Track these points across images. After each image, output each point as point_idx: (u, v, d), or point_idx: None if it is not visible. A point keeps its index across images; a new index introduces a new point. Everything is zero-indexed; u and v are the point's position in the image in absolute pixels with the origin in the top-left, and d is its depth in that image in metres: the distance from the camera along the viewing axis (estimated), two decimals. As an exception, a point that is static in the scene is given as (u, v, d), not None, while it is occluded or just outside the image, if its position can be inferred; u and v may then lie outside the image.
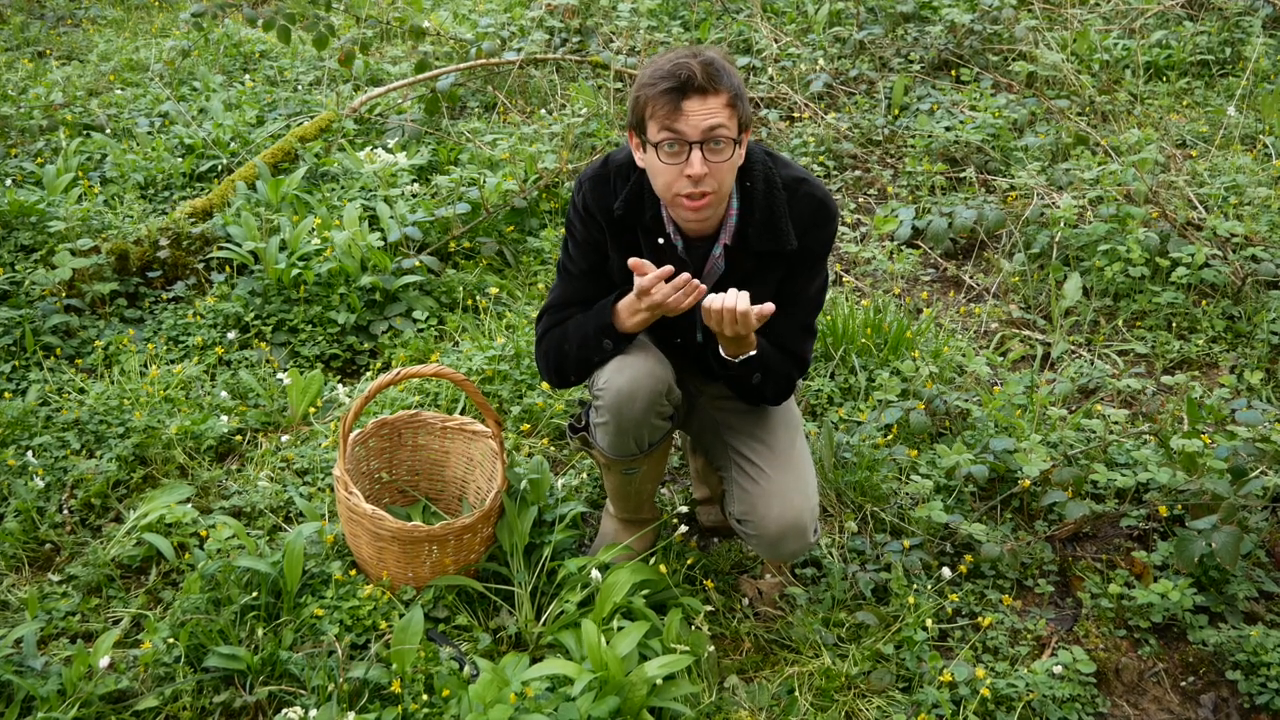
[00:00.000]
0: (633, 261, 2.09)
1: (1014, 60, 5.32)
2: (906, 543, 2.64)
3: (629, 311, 2.18)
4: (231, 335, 3.51)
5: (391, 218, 3.93)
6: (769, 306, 2.03)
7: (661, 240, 2.21)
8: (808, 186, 2.21)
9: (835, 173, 4.70)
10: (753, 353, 2.18)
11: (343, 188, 4.36)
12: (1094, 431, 2.96)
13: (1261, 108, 4.83)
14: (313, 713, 2.11)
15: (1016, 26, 5.43)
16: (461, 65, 5.33)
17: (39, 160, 4.64)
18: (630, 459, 2.34)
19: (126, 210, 4.23)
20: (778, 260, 2.21)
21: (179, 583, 2.57)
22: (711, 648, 2.34)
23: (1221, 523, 2.39)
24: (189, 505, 2.77)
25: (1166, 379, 3.23)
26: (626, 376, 2.20)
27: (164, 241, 3.83)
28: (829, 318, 3.37)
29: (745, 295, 2.03)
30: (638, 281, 2.09)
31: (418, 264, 3.72)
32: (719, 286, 2.23)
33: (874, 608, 2.48)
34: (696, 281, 2.06)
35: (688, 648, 2.24)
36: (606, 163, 2.26)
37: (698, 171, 2.01)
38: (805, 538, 2.28)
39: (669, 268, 2.06)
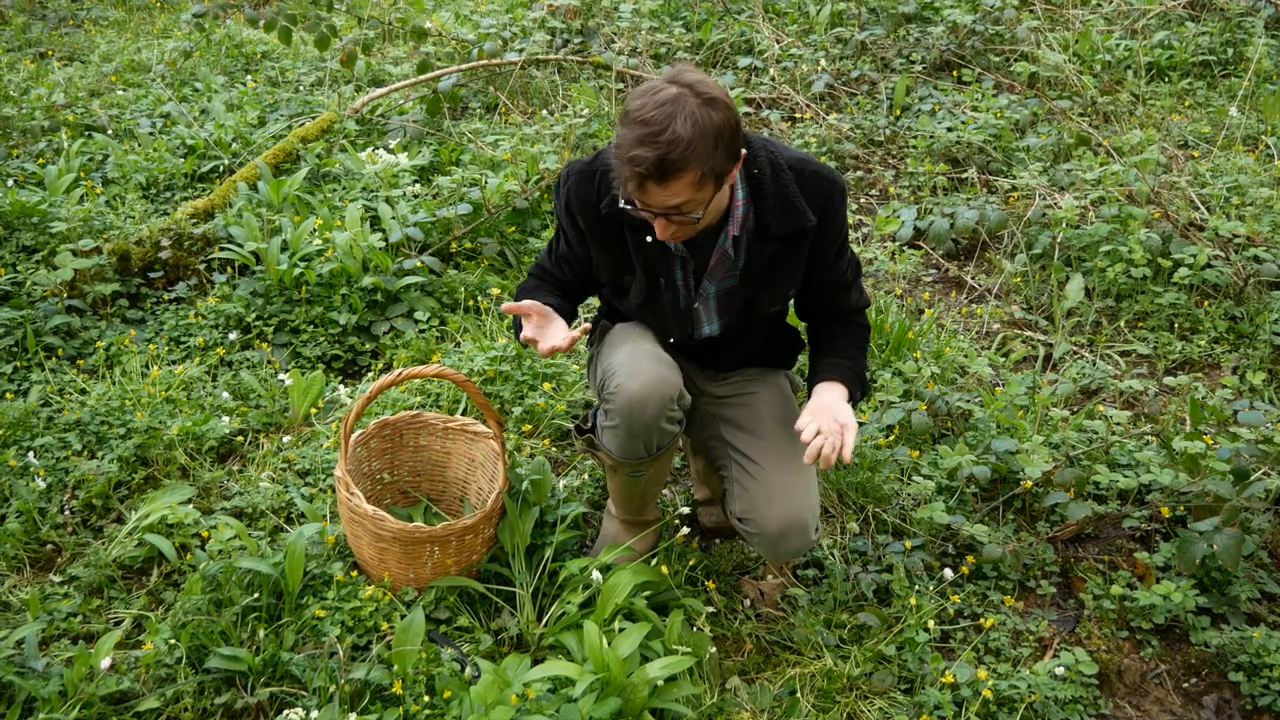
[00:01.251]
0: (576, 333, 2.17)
1: (1016, 61, 5.32)
2: (908, 544, 2.63)
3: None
4: (233, 336, 3.51)
5: (393, 218, 3.93)
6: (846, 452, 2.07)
7: (650, 239, 2.20)
8: (814, 166, 2.21)
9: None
10: (850, 404, 2.23)
11: (344, 188, 4.36)
12: (1096, 432, 2.96)
13: (1263, 108, 4.83)
14: (314, 714, 2.11)
15: (1018, 27, 5.42)
16: (463, 66, 5.33)
17: (41, 161, 4.64)
18: (638, 462, 2.34)
19: (128, 211, 4.23)
20: (800, 240, 2.21)
21: (180, 584, 2.57)
22: (713, 649, 2.34)
23: (1224, 524, 2.39)
24: (190, 506, 2.77)
25: (1169, 380, 3.23)
26: (639, 382, 2.20)
27: (165, 242, 3.83)
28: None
29: (851, 433, 2.08)
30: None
31: (419, 265, 3.72)
32: (740, 277, 2.24)
33: (876, 609, 2.48)
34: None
35: (689, 649, 2.23)
36: (596, 160, 2.23)
37: (666, 237, 2.05)
38: (806, 536, 2.28)
39: (578, 333, 2.18)
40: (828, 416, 2.10)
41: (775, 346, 2.47)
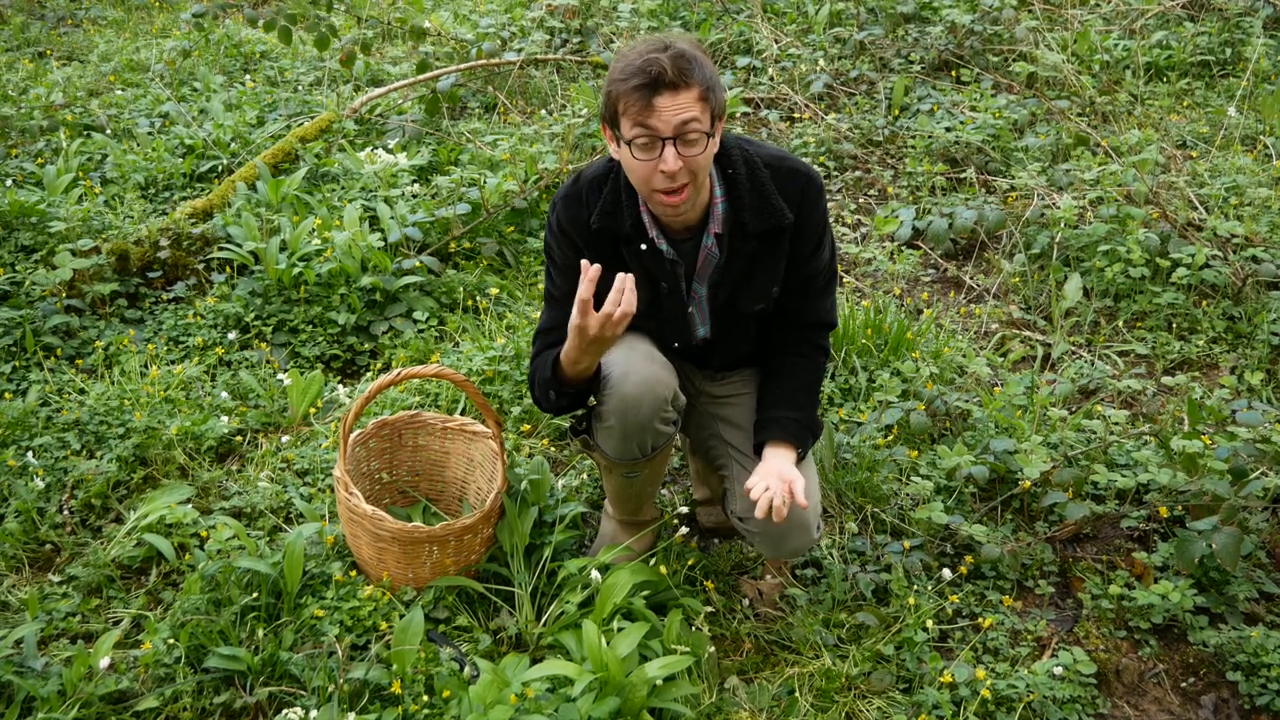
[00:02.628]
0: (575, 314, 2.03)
1: (1014, 61, 5.32)
2: (907, 544, 2.64)
3: (569, 362, 2.16)
4: (232, 336, 3.51)
5: (392, 218, 3.93)
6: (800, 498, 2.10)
7: (644, 246, 2.20)
8: (790, 162, 2.22)
9: (836, 173, 4.69)
10: (800, 450, 2.26)
11: (343, 188, 4.36)
12: (1094, 432, 2.96)
13: (1262, 108, 4.83)
14: (313, 713, 2.11)
15: (1017, 27, 5.42)
16: (462, 66, 5.33)
17: (39, 161, 4.64)
18: (632, 463, 2.34)
19: (127, 211, 4.23)
20: (779, 237, 2.21)
21: (179, 583, 2.57)
22: (712, 648, 2.34)
23: (1222, 523, 2.39)
24: (189, 506, 2.77)
25: (1167, 380, 3.23)
26: (632, 382, 2.20)
27: (164, 242, 3.83)
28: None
29: (798, 485, 2.11)
30: (570, 322, 2.06)
31: (418, 264, 3.72)
32: (720, 275, 2.23)
33: (874, 609, 2.48)
34: (628, 278, 2.01)
35: (688, 648, 2.24)
36: (577, 180, 2.26)
37: (671, 167, 2.01)
38: (808, 534, 2.28)
39: (595, 268, 2.00)
40: (774, 477, 2.14)
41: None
